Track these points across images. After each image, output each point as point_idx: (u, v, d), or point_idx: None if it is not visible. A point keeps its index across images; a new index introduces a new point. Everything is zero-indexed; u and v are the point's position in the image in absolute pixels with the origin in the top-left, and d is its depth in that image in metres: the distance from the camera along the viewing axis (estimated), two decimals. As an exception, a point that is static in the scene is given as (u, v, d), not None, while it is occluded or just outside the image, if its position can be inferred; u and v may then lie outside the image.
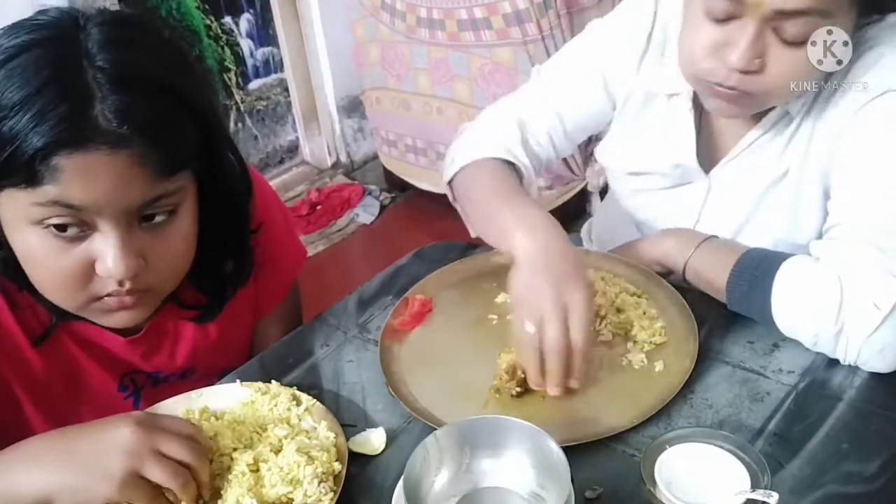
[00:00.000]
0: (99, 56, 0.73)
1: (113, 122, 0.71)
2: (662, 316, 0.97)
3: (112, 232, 0.75)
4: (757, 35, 0.85)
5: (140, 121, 0.72)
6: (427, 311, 1.03)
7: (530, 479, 0.72)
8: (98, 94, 0.71)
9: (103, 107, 0.71)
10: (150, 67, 0.77)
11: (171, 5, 2.77)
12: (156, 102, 0.75)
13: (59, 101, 0.70)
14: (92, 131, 0.71)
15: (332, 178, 3.32)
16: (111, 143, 0.71)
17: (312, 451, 0.80)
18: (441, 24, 2.47)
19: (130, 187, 0.74)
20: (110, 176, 0.72)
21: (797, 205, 1.01)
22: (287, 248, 1.11)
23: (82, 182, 0.72)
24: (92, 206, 0.73)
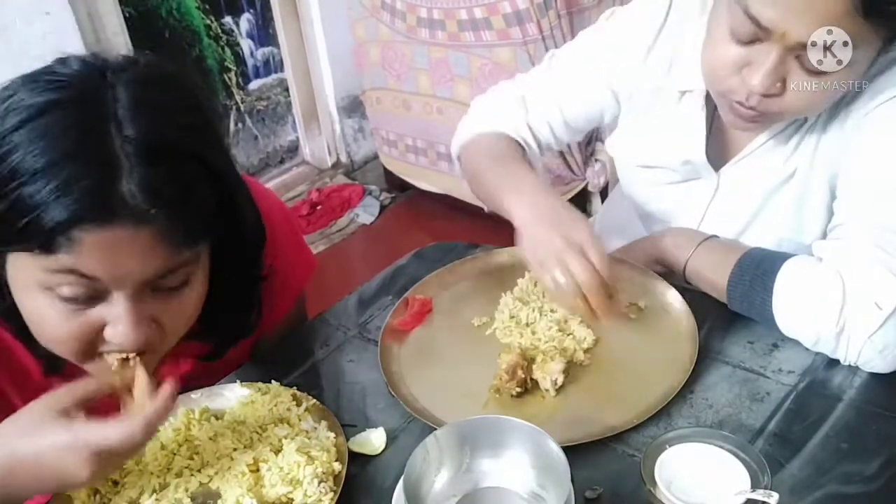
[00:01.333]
0: (126, 123, 0.69)
1: (139, 198, 0.68)
2: (662, 315, 0.97)
3: (125, 302, 0.73)
4: (780, 61, 0.85)
5: (166, 197, 0.69)
6: (427, 311, 1.03)
7: (530, 479, 0.72)
8: (126, 164, 0.68)
9: (130, 181, 0.68)
10: (177, 135, 0.73)
11: (171, 5, 2.77)
12: (180, 173, 0.72)
13: (85, 171, 0.67)
14: (117, 207, 0.68)
15: (333, 178, 3.32)
16: (135, 219, 0.68)
17: (312, 451, 0.80)
18: (441, 24, 2.47)
19: (150, 262, 0.72)
20: (131, 252, 0.70)
21: (803, 205, 1.01)
22: (295, 260, 1.08)
23: (101, 256, 0.69)
24: (110, 279, 0.71)
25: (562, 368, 0.88)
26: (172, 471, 0.82)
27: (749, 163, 1.05)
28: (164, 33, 2.78)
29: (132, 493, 0.81)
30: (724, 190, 1.08)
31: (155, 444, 0.85)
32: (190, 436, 0.86)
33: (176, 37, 2.82)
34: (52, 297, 0.72)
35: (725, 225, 1.07)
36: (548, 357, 0.90)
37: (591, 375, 0.92)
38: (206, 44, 2.92)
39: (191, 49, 2.88)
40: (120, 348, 0.75)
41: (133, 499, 0.80)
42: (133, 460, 0.84)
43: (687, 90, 1.06)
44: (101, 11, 2.46)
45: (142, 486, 0.81)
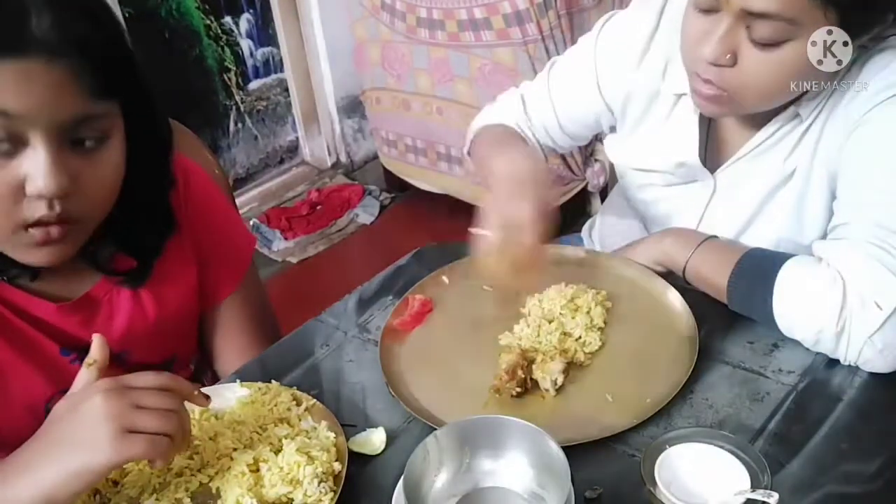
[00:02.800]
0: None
1: (50, 32, 0.73)
2: (662, 315, 0.97)
3: (44, 148, 0.76)
4: (729, 30, 0.87)
5: (76, 36, 0.74)
6: (427, 311, 1.03)
7: (530, 479, 0.72)
8: (34, 8, 0.73)
9: (40, 20, 0.72)
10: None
11: (171, 5, 2.77)
12: (90, 25, 0.77)
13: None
14: (29, 41, 0.72)
15: (332, 178, 3.32)
16: (48, 53, 0.72)
17: (312, 451, 0.80)
18: (441, 24, 2.47)
19: (64, 100, 0.75)
20: (45, 85, 0.73)
21: (803, 206, 1.01)
22: (233, 232, 1.13)
23: (17, 88, 0.72)
24: (25, 114, 0.74)
25: (562, 368, 0.88)
26: (172, 471, 0.82)
27: (745, 164, 1.05)
28: (163, 33, 2.78)
29: (132, 493, 0.81)
30: (722, 192, 1.08)
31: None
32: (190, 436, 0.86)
33: (176, 37, 2.82)
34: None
35: (724, 226, 1.08)
36: (548, 357, 0.90)
37: (591, 375, 0.92)
38: (206, 44, 2.92)
39: (190, 49, 2.88)
40: (40, 195, 0.77)
41: (133, 499, 0.80)
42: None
43: (682, 93, 1.06)
44: (101, 11, 2.46)
45: (142, 486, 0.81)
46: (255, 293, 1.15)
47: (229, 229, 1.12)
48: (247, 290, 1.13)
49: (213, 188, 1.11)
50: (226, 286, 1.10)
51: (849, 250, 0.88)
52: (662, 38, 1.07)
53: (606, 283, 1.04)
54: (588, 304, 0.98)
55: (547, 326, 0.96)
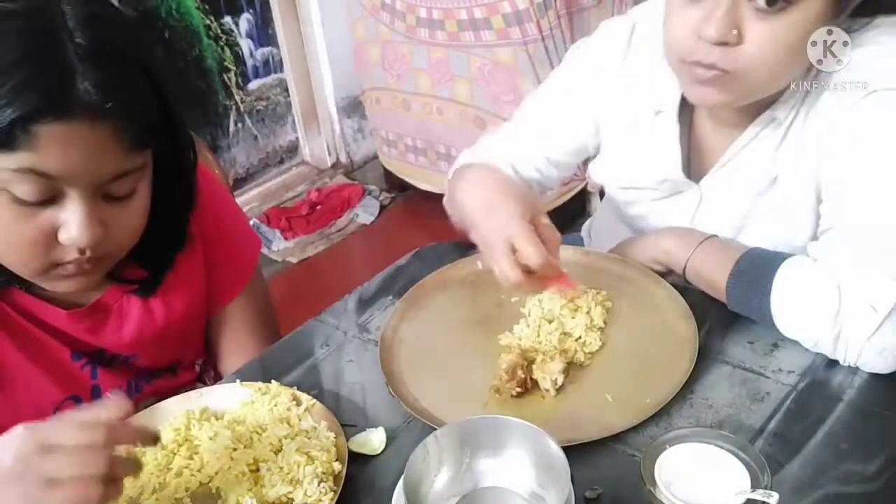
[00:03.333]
0: (78, 32, 0.74)
1: (94, 95, 0.73)
2: (662, 315, 0.97)
3: (80, 202, 0.77)
4: (732, 5, 0.85)
5: (119, 95, 0.74)
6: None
7: (530, 479, 0.72)
8: (80, 68, 0.73)
9: (85, 80, 0.72)
10: (125, 44, 0.78)
11: (171, 5, 2.77)
12: (131, 78, 0.77)
13: (42, 71, 0.71)
14: (74, 103, 0.72)
15: (332, 178, 3.32)
16: (92, 115, 0.73)
17: (312, 451, 0.80)
18: (441, 24, 2.47)
19: (105, 160, 0.76)
20: (88, 148, 0.74)
21: (790, 209, 1.00)
22: (240, 235, 1.13)
23: (60, 152, 0.72)
24: (66, 176, 0.74)
25: (561, 368, 0.88)
26: (172, 471, 0.82)
27: (728, 172, 1.05)
28: (163, 33, 2.78)
29: (132, 493, 0.81)
30: (708, 201, 1.08)
31: (155, 444, 0.85)
32: (190, 436, 0.86)
33: (175, 37, 2.82)
34: (6, 199, 0.75)
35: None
36: (548, 357, 0.90)
37: (591, 375, 0.92)
38: (206, 44, 2.92)
39: (190, 49, 2.88)
40: (73, 245, 0.78)
41: (133, 499, 0.80)
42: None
43: (660, 110, 1.06)
44: (101, 11, 2.46)
45: (142, 486, 0.81)
46: (259, 294, 1.15)
47: (236, 232, 1.12)
48: (252, 292, 1.13)
49: (220, 190, 1.11)
50: (232, 288, 1.11)
51: (841, 254, 0.88)
52: (634, 57, 1.08)
53: (606, 283, 1.04)
54: (588, 304, 0.98)
55: (547, 326, 0.96)
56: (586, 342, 0.94)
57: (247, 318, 1.13)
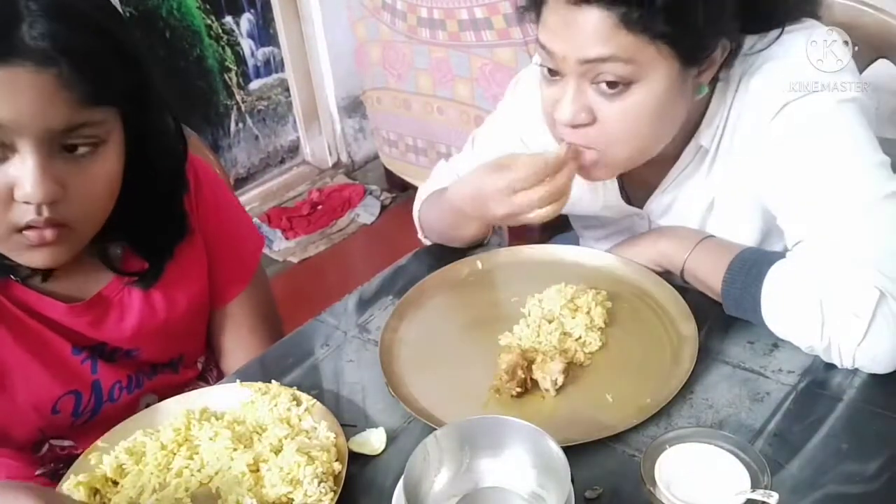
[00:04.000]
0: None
1: (39, 41, 0.72)
2: (662, 315, 0.98)
3: (32, 155, 0.76)
4: (577, 89, 0.89)
5: (67, 45, 0.74)
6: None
7: (530, 479, 0.72)
8: (27, 17, 0.73)
9: (31, 28, 0.73)
10: (83, 6, 0.78)
11: (172, 5, 2.77)
12: (84, 35, 0.77)
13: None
14: (17, 47, 0.72)
15: (333, 177, 3.32)
16: (36, 61, 0.72)
17: (312, 451, 0.80)
18: (442, 24, 2.47)
19: (54, 108, 0.75)
20: (34, 94, 0.73)
21: (732, 228, 1.02)
22: (242, 232, 1.13)
23: (4, 97, 0.72)
24: (13, 123, 0.74)
25: (561, 368, 0.88)
26: (172, 471, 0.82)
27: (667, 198, 1.07)
28: (164, 33, 2.78)
29: (132, 493, 0.81)
30: (657, 221, 1.10)
31: (155, 444, 0.85)
32: (190, 436, 0.86)
33: (176, 37, 2.82)
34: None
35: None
36: (547, 357, 0.90)
37: (591, 375, 0.91)
38: (207, 44, 2.92)
39: (191, 49, 2.88)
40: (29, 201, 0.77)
41: (133, 499, 0.80)
42: (133, 460, 0.84)
43: None
44: (102, 11, 2.46)
45: (142, 486, 0.81)
46: (262, 292, 1.16)
47: (239, 229, 1.13)
48: (255, 290, 1.13)
49: (223, 187, 1.12)
50: (235, 286, 1.11)
51: (815, 265, 0.87)
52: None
53: (606, 283, 1.04)
54: (588, 304, 0.98)
55: (547, 326, 0.96)
56: (586, 342, 0.94)
57: (249, 316, 1.13)
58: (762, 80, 0.92)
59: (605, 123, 0.90)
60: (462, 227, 1.10)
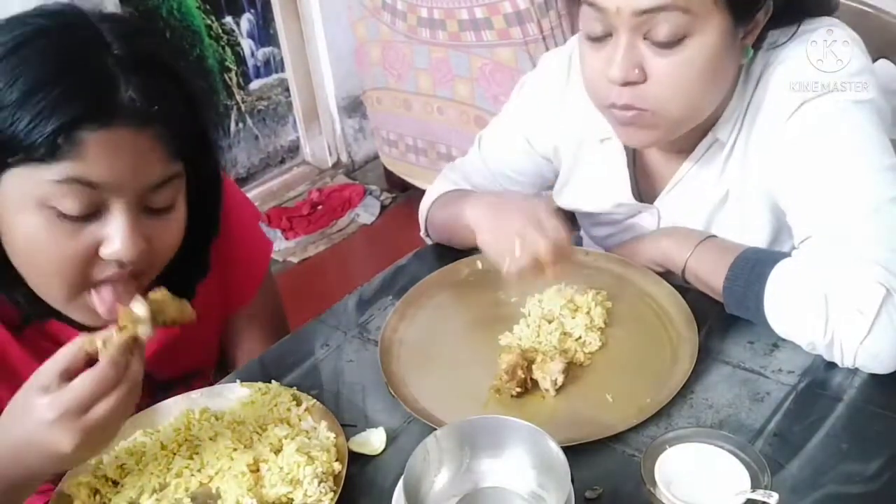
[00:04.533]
0: (116, 44, 0.75)
1: (138, 101, 0.74)
2: (662, 315, 0.98)
3: (124, 213, 0.77)
4: (629, 45, 0.88)
5: (161, 101, 0.75)
6: None
7: (530, 479, 0.72)
8: (122, 76, 0.74)
9: (129, 88, 0.73)
10: (163, 55, 0.80)
11: (172, 5, 2.77)
12: (169, 86, 0.78)
13: (86, 80, 0.73)
14: (119, 109, 0.73)
15: (333, 177, 3.32)
16: (136, 121, 0.74)
17: (312, 451, 0.80)
18: (442, 24, 2.47)
19: (150, 166, 0.77)
20: (134, 154, 0.74)
21: (744, 224, 1.02)
22: (253, 243, 1.12)
23: (105, 159, 0.73)
24: (112, 183, 0.75)
25: (561, 368, 0.88)
26: (172, 471, 0.82)
27: (678, 193, 1.07)
28: (164, 33, 2.78)
29: (132, 493, 0.81)
30: (667, 219, 1.10)
31: (155, 444, 0.85)
32: (190, 436, 0.86)
33: (177, 37, 2.81)
34: (49, 216, 0.75)
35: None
36: (547, 357, 0.90)
37: (591, 375, 0.92)
38: (207, 44, 2.92)
39: (191, 49, 2.88)
40: (117, 259, 0.78)
41: (133, 499, 0.80)
42: (133, 460, 0.84)
43: (605, 138, 1.08)
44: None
45: (142, 486, 0.81)
46: (271, 299, 1.15)
47: (248, 235, 1.11)
48: (264, 297, 1.12)
49: (233, 192, 1.09)
50: (245, 294, 1.10)
51: (821, 262, 0.87)
52: (575, 88, 1.09)
53: (606, 283, 1.04)
54: (588, 304, 0.98)
55: (547, 326, 0.96)
56: (586, 342, 0.94)
57: (260, 324, 1.12)
58: (781, 76, 0.92)
59: (657, 80, 0.89)
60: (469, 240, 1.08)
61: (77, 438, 0.69)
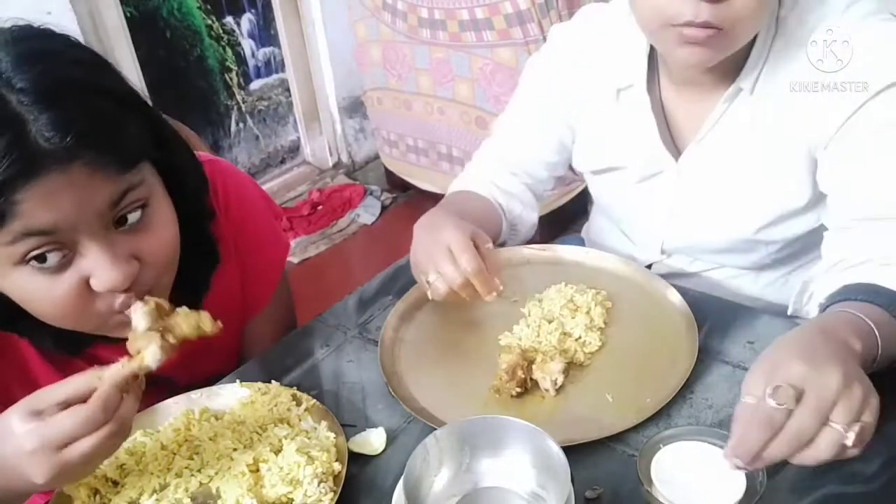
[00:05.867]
0: (16, 77, 0.68)
1: (53, 139, 0.67)
2: (662, 315, 0.97)
3: (93, 244, 0.73)
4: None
5: (80, 128, 0.69)
6: None
7: (530, 479, 0.72)
8: (29, 116, 0.67)
9: (38, 127, 0.67)
10: (73, 73, 0.72)
11: (172, 5, 2.77)
12: (89, 106, 0.71)
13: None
14: (36, 156, 0.67)
15: (334, 178, 3.32)
16: (59, 161, 0.68)
17: (312, 451, 0.80)
18: (442, 24, 2.47)
19: (93, 193, 0.71)
20: (70, 191, 0.69)
21: (781, 176, 1.00)
22: (271, 243, 1.10)
23: (45, 206, 0.68)
24: (62, 224, 0.70)
25: (561, 369, 0.88)
26: (172, 471, 0.82)
27: (706, 148, 1.04)
28: (165, 33, 2.78)
29: (132, 493, 0.81)
30: (687, 180, 1.08)
31: (155, 444, 0.85)
32: (190, 436, 0.86)
33: (177, 37, 2.82)
34: (29, 271, 0.72)
35: (693, 215, 1.08)
36: (547, 357, 0.90)
37: (591, 375, 0.92)
38: (208, 44, 2.92)
39: (192, 49, 2.88)
40: (111, 290, 0.75)
41: (133, 499, 0.80)
42: (133, 460, 0.84)
43: (625, 87, 1.07)
44: (102, 11, 2.46)
45: (142, 486, 0.81)
46: (286, 299, 1.14)
47: (266, 235, 1.08)
48: (279, 299, 1.11)
49: (250, 193, 1.06)
50: (264, 296, 1.08)
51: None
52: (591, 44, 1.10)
53: (606, 283, 1.04)
54: (588, 304, 0.98)
55: (547, 326, 0.96)
56: (586, 342, 0.94)
57: (274, 325, 1.10)
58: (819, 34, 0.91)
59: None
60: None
61: (51, 472, 0.67)
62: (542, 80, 1.17)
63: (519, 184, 1.22)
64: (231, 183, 1.02)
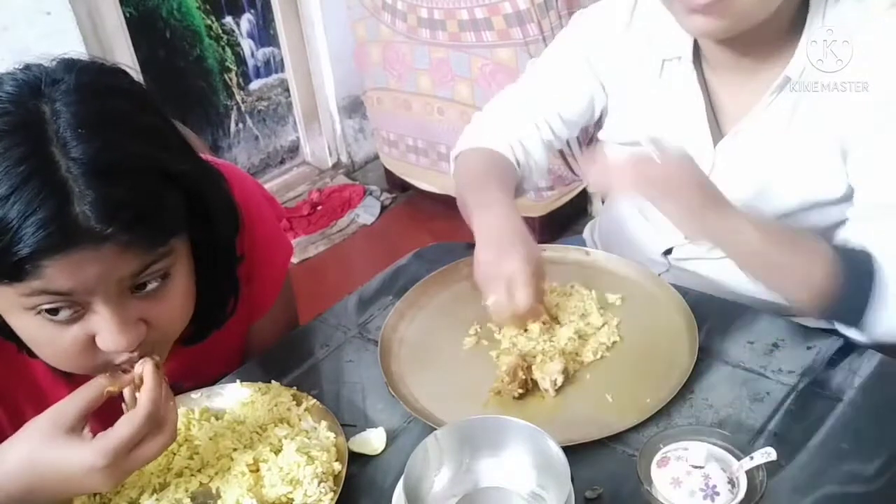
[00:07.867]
0: (70, 143, 0.67)
1: (94, 221, 0.66)
2: (662, 316, 0.97)
3: (105, 308, 0.72)
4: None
5: (121, 215, 0.68)
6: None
7: (530, 479, 0.72)
8: (76, 189, 0.66)
9: (82, 205, 0.66)
10: (127, 147, 0.71)
11: (172, 5, 2.77)
12: (135, 187, 0.70)
13: (36, 204, 0.65)
14: (74, 233, 0.66)
15: (333, 178, 3.32)
16: (94, 240, 0.67)
17: (312, 451, 0.80)
18: (442, 24, 2.47)
19: (119, 268, 0.71)
20: (96, 265, 0.69)
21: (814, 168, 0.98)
22: (276, 247, 1.08)
23: (68, 275, 0.68)
24: (81, 290, 0.70)
25: (561, 369, 0.88)
26: (172, 471, 0.83)
27: (745, 137, 1.02)
28: (164, 33, 2.78)
29: (132, 493, 0.81)
30: (722, 163, 1.04)
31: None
32: (190, 436, 0.86)
33: (176, 37, 2.82)
34: (39, 320, 0.72)
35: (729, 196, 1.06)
36: (547, 357, 0.90)
37: (591, 375, 0.92)
38: (207, 44, 2.92)
39: (191, 49, 2.88)
40: (123, 354, 0.76)
41: (133, 499, 0.80)
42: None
43: (671, 58, 1.05)
44: (102, 11, 2.46)
45: (142, 486, 0.81)
46: (288, 300, 1.13)
47: (271, 239, 1.07)
48: (283, 300, 1.10)
49: (254, 194, 1.05)
50: (268, 299, 1.07)
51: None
52: (644, 11, 1.08)
53: (606, 284, 1.04)
54: (588, 305, 0.98)
55: (547, 327, 0.96)
56: (586, 342, 0.94)
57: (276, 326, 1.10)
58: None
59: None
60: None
61: (120, 480, 0.73)
62: (588, 34, 1.15)
63: (538, 141, 1.20)
64: (237, 188, 1.00)
